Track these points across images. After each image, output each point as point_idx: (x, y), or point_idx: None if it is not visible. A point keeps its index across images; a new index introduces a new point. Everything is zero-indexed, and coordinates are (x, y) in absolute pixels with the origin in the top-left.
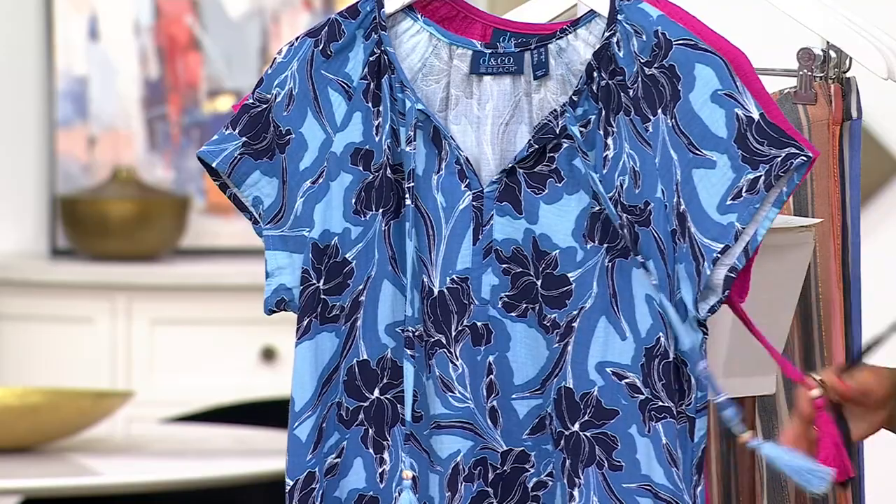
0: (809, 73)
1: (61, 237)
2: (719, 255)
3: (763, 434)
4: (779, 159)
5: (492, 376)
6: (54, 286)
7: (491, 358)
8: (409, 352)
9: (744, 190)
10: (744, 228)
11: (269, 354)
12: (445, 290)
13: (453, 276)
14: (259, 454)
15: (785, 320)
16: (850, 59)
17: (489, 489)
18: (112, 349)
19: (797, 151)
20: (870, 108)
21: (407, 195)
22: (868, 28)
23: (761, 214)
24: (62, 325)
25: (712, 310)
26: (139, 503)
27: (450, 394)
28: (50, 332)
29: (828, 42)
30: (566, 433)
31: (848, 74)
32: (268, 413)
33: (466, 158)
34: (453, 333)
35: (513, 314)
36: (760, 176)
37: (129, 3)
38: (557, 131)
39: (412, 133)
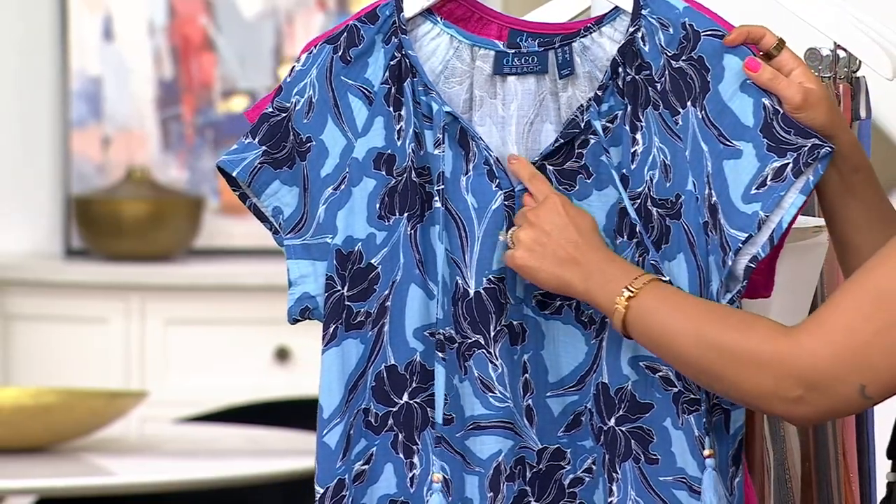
0: (817, 74)
1: (75, 237)
2: (742, 245)
3: (770, 435)
4: (806, 148)
5: (527, 375)
6: (68, 286)
7: (526, 357)
8: (440, 354)
9: (769, 178)
10: (768, 216)
11: (282, 354)
12: (482, 291)
13: (490, 277)
14: (272, 454)
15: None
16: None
17: (527, 488)
18: (126, 349)
19: (821, 143)
20: (880, 107)
21: (436, 198)
22: (877, 27)
23: (787, 201)
24: (76, 325)
25: (731, 301)
26: (153, 503)
27: (490, 394)
28: (64, 333)
29: (835, 42)
30: (604, 428)
31: (858, 74)
32: (281, 413)
33: (497, 159)
34: (492, 333)
35: (546, 312)
36: (788, 163)
37: (143, 3)
38: (582, 126)
39: (441, 136)
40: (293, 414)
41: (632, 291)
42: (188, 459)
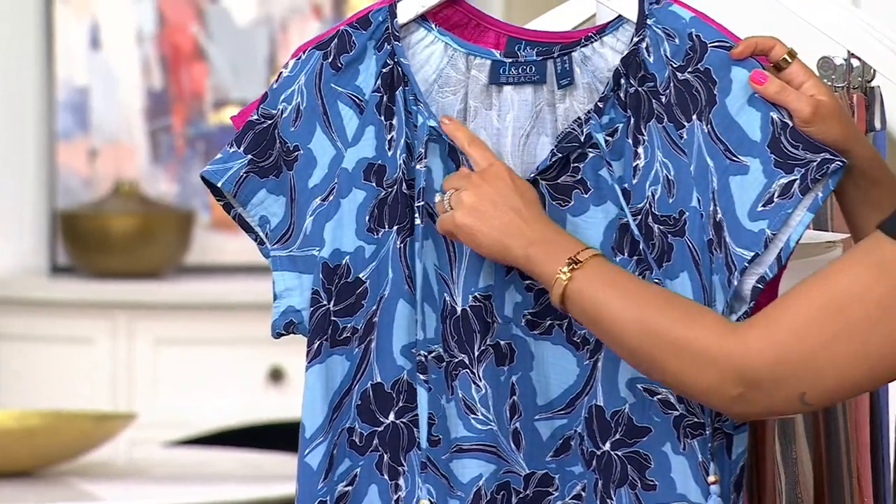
0: (830, 84)
1: (61, 253)
2: (748, 265)
3: (782, 459)
4: (815, 163)
5: (514, 397)
6: (54, 304)
7: (514, 378)
8: (421, 377)
9: (776, 195)
10: (775, 235)
11: (276, 375)
12: (468, 309)
13: (476, 294)
14: (266, 479)
15: None
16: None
17: None
18: (113, 370)
19: (832, 157)
20: None
21: (417, 214)
22: (891, 34)
23: (795, 219)
24: (62, 344)
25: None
26: None
27: (472, 416)
28: (49, 353)
29: (849, 50)
30: (598, 453)
31: (872, 83)
32: (275, 436)
33: None
34: (476, 353)
35: (536, 332)
36: (795, 180)
37: (131, 10)
38: (582, 139)
39: (423, 150)
40: (287, 437)
41: (576, 263)
42: (178, 484)
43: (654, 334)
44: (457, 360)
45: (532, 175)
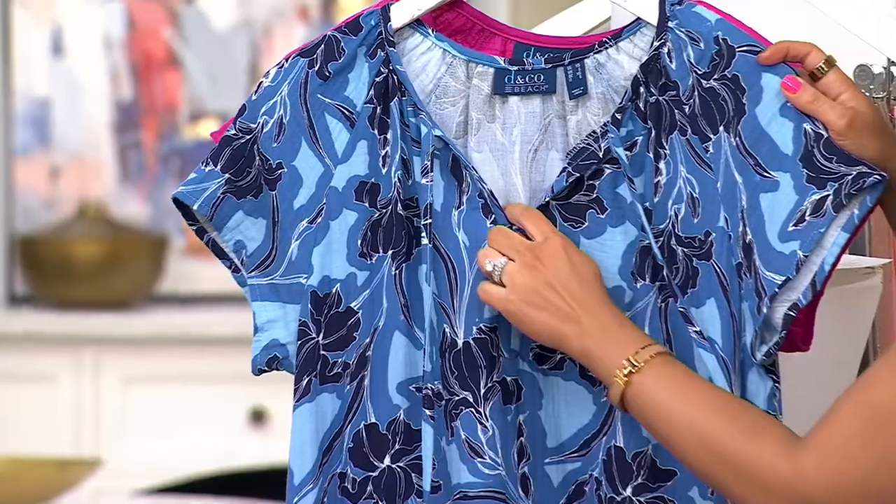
0: (868, 94)
1: (20, 282)
2: (778, 290)
3: None
4: (850, 177)
5: (522, 438)
6: (12, 339)
7: (521, 418)
8: (427, 412)
9: (808, 213)
10: (807, 257)
11: (258, 417)
12: (472, 342)
13: (481, 326)
14: None
15: (848, 379)
16: None
17: None
18: (77, 411)
19: (869, 171)
20: None
21: (423, 234)
22: None
23: (828, 239)
24: (20, 383)
25: (769, 353)
26: None
27: (479, 459)
28: (6, 392)
29: (889, 58)
30: (617, 499)
31: None
32: (258, 484)
33: (491, 192)
34: (482, 391)
35: (545, 367)
36: (828, 196)
37: (97, 13)
38: (601, 155)
39: (429, 163)
40: (271, 484)
41: (634, 365)
42: None
43: (713, 449)
44: (458, 397)
45: (546, 199)
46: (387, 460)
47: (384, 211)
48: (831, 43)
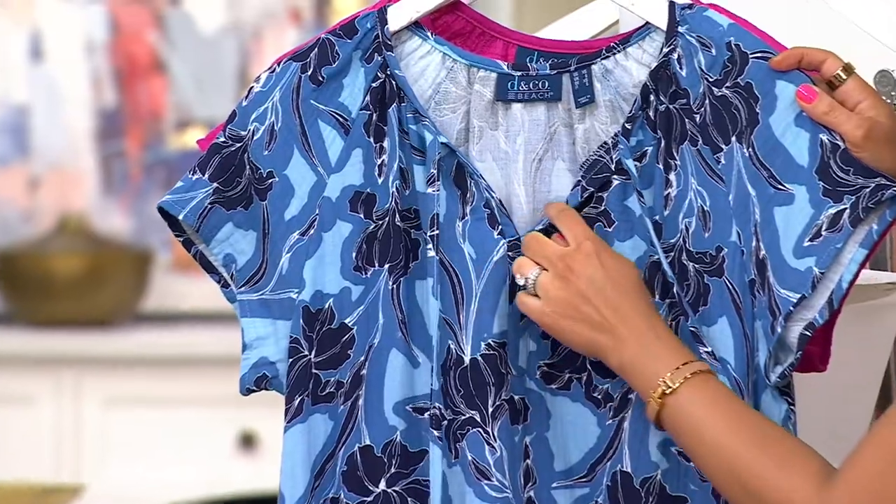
0: (890, 101)
1: None
2: (793, 309)
3: None
4: (867, 190)
5: (528, 461)
6: None
7: (528, 439)
8: (435, 433)
9: (824, 228)
10: (823, 274)
11: (248, 441)
12: (479, 358)
13: (490, 342)
14: None
15: (867, 401)
16: None
17: None
18: (57, 434)
19: (888, 183)
20: None
21: (430, 245)
22: None
23: (846, 256)
24: None
25: (783, 375)
26: None
27: (486, 482)
28: None
29: None
30: None
31: None
32: None
33: (500, 201)
34: (490, 409)
35: (553, 386)
36: (845, 209)
37: (79, 16)
38: (613, 167)
39: (435, 171)
40: None
41: (669, 387)
42: None
43: (743, 480)
44: (464, 417)
45: None
46: (382, 484)
47: (380, 222)
48: (850, 47)
